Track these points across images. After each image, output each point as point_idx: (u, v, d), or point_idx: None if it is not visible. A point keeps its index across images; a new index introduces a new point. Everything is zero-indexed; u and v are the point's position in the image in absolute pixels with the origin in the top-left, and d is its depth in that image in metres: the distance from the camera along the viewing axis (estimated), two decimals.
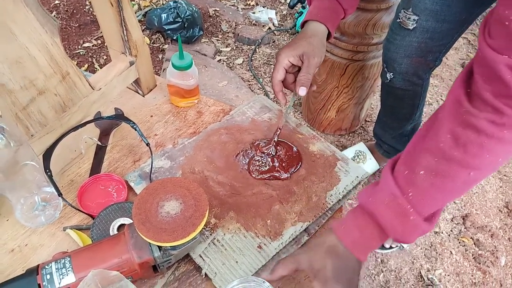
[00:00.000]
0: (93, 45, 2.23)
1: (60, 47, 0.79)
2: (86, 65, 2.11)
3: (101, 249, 0.67)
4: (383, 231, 0.61)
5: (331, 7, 0.88)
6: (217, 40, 2.32)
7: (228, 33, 2.38)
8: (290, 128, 0.95)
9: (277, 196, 0.82)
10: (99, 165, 0.89)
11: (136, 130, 0.85)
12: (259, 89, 2.06)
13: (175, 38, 2.21)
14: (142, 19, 2.34)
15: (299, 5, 2.37)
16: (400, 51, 1.19)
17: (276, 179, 0.85)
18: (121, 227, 0.78)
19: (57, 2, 2.43)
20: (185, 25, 2.17)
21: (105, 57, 2.16)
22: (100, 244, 0.68)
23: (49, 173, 0.76)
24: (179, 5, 2.18)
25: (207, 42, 2.29)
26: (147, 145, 0.83)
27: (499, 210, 1.67)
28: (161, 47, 2.23)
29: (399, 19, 1.14)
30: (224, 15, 2.47)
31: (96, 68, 2.11)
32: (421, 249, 1.53)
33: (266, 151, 0.88)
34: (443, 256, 1.51)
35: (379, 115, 1.58)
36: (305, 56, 0.83)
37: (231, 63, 2.20)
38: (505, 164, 1.83)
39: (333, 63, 1.57)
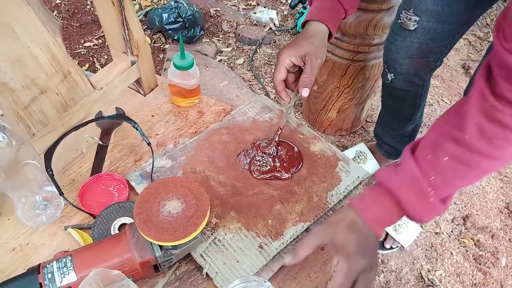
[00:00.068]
0: (94, 45, 2.23)
1: (61, 46, 0.80)
2: (87, 65, 2.11)
3: (103, 248, 0.67)
4: (401, 209, 0.64)
5: (332, 7, 0.88)
6: (218, 40, 2.32)
7: (229, 33, 2.38)
8: (291, 128, 0.95)
9: (278, 196, 0.82)
10: (100, 164, 0.89)
11: (137, 129, 0.85)
12: (259, 89, 2.07)
13: (176, 38, 2.21)
14: (143, 19, 2.34)
15: (300, 5, 2.37)
16: (401, 52, 1.19)
17: (277, 179, 0.85)
18: (122, 226, 0.78)
19: (58, 1, 2.43)
20: (186, 25, 2.17)
21: (106, 57, 2.17)
22: (101, 243, 0.68)
23: (50, 172, 0.76)
24: (180, 5, 2.18)
25: (208, 42, 2.29)
26: (149, 144, 0.83)
27: (500, 211, 1.67)
28: (162, 47, 2.23)
29: (400, 20, 1.14)
30: (225, 15, 2.47)
31: (97, 67, 2.11)
32: (422, 249, 1.53)
33: (267, 151, 0.89)
34: (444, 256, 1.51)
35: (380, 115, 1.58)
36: (308, 57, 0.83)
37: (232, 63, 2.20)
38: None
39: (334, 63, 1.57)
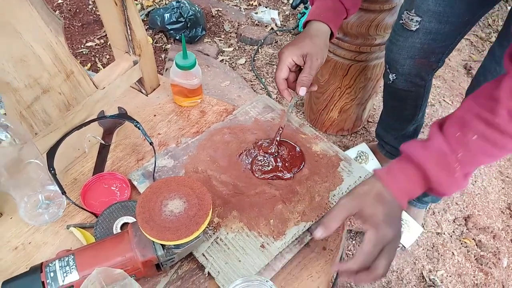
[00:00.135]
0: (96, 45, 2.23)
1: (64, 45, 0.80)
2: (89, 64, 2.12)
3: (105, 247, 0.67)
4: (427, 182, 0.66)
5: (334, 7, 0.88)
6: (220, 40, 2.32)
7: (230, 33, 2.38)
8: (293, 128, 0.95)
9: (280, 195, 0.82)
10: (102, 163, 0.89)
11: (139, 129, 0.85)
12: (261, 89, 2.07)
13: (177, 38, 2.21)
14: (145, 19, 2.34)
15: (301, 6, 2.37)
16: (402, 52, 1.19)
17: (279, 179, 0.86)
18: (124, 225, 0.78)
19: (60, 1, 2.44)
20: (188, 25, 2.17)
21: (108, 57, 2.17)
22: (103, 242, 0.68)
23: (53, 171, 0.76)
24: (182, 5, 2.18)
25: (210, 42, 2.30)
26: (151, 144, 0.83)
27: (501, 211, 1.67)
28: (163, 47, 2.23)
29: (402, 20, 1.14)
30: (226, 15, 2.47)
31: (99, 67, 2.11)
32: (423, 250, 1.53)
33: (268, 150, 0.89)
34: (445, 257, 1.51)
35: (382, 116, 1.58)
36: (308, 56, 0.83)
37: (233, 63, 2.20)
38: (509, 166, 1.83)
39: (335, 63, 1.58)
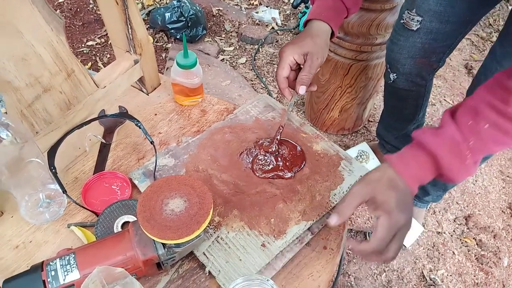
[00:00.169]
0: (96, 44, 2.23)
1: (65, 44, 0.80)
2: (89, 64, 2.12)
3: (106, 246, 0.67)
4: (438, 169, 0.68)
5: (335, 6, 0.88)
6: (220, 39, 2.32)
7: (231, 32, 2.38)
8: (294, 127, 0.95)
9: (281, 195, 0.82)
10: (103, 162, 0.89)
11: (140, 128, 0.85)
12: (262, 89, 2.07)
13: (178, 37, 2.21)
14: (145, 18, 2.34)
15: (302, 5, 2.37)
16: (403, 52, 1.19)
17: (279, 178, 0.86)
18: (125, 224, 0.78)
19: (61, 0, 2.44)
20: (189, 24, 2.17)
21: (108, 56, 2.17)
22: (104, 241, 0.68)
23: (53, 170, 0.77)
24: (182, 4, 2.18)
25: (210, 41, 2.30)
26: (152, 143, 0.83)
27: (502, 211, 1.67)
28: (164, 46, 2.23)
29: (403, 20, 1.14)
30: (227, 14, 2.47)
31: (99, 66, 2.11)
32: (424, 249, 1.53)
33: (269, 149, 0.89)
34: (446, 256, 1.51)
35: (382, 115, 1.58)
36: (309, 55, 0.83)
37: (234, 62, 2.20)
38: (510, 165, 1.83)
39: (336, 63, 1.57)
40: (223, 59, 2.21)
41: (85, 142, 0.90)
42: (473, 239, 1.57)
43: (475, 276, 1.47)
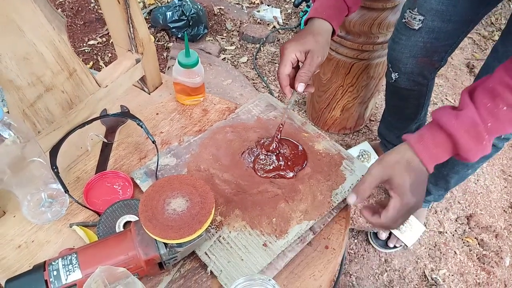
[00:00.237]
0: (98, 43, 2.23)
1: (67, 44, 0.80)
2: (91, 63, 2.12)
3: (108, 245, 0.67)
4: (455, 149, 0.70)
5: (336, 5, 0.88)
6: (222, 38, 2.32)
7: (232, 31, 2.38)
8: (295, 126, 0.95)
9: (283, 194, 0.82)
10: (105, 162, 0.90)
11: (142, 127, 0.85)
12: (263, 88, 2.06)
13: (179, 36, 2.21)
14: (147, 17, 2.34)
15: (304, 4, 2.37)
16: (405, 51, 1.18)
17: (281, 177, 0.85)
18: (127, 224, 0.78)
19: None
20: (190, 23, 2.17)
21: (110, 55, 2.17)
22: (106, 241, 0.68)
23: (55, 170, 0.77)
24: (184, 3, 2.18)
25: (212, 40, 2.29)
26: (153, 142, 0.83)
27: (504, 210, 1.66)
28: (165, 45, 2.23)
29: (405, 19, 1.14)
30: (228, 13, 2.47)
31: (101, 65, 2.11)
32: (425, 249, 1.53)
33: (269, 148, 0.88)
34: (447, 256, 1.51)
35: (384, 114, 1.57)
36: (310, 53, 0.82)
37: (235, 61, 2.20)
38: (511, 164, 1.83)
39: (338, 62, 1.57)
40: (225, 58, 2.21)
41: (87, 141, 0.90)
42: (475, 238, 1.57)
43: (476, 276, 1.47)
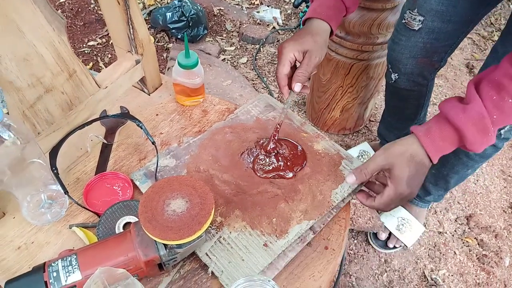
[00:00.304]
0: (97, 44, 2.23)
1: (67, 44, 0.80)
2: (91, 64, 2.12)
3: (107, 247, 0.67)
4: (461, 141, 0.72)
5: (335, 5, 0.88)
6: (222, 39, 2.32)
7: (232, 32, 2.38)
8: (294, 126, 0.95)
9: (282, 194, 0.82)
10: (104, 163, 0.90)
11: (142, 128, 0.85)
12: (263, 88, 2.07)
13: (179, 37, 2.21)
14: (146, 18, 2.34)
15: (303, 4, 2.37)
16: (405, 52, 1.19)
17: (281, 177, 0.86)
18: (126, 225, 0.78)
19: (62, 0, 2.44)
20: (190, 24, 2.17)
21: (109, 56, 2.17)
22: (106, 242, 0.68)
23: (55, 171, 0.77)
24: (183, 4, 2.18)
25: (212, 41, 2.30)
26: (153, 143, 0.83)
27: (503, 210, 1.66)
28: (165, 46, 2.23)
29: (405, 19, 1.14)
30: (228, 14, 2.47)
31: (101, 66, 2.11)
32: (425, 249, 1.53)
33: (267, 147, 0.88)
34: (447, 256, 1.51)
35: (384, 115, 1.57)
36: (308, 53, 0.82)
37: (235, 62, 2.20)
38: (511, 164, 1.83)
39: (337, 62, 1.57)
40: (224, 59, 2.21)
41: (87, 142, 0.90)
42: (475, 239, 1.57)
43: (476, 276, 1.47)
